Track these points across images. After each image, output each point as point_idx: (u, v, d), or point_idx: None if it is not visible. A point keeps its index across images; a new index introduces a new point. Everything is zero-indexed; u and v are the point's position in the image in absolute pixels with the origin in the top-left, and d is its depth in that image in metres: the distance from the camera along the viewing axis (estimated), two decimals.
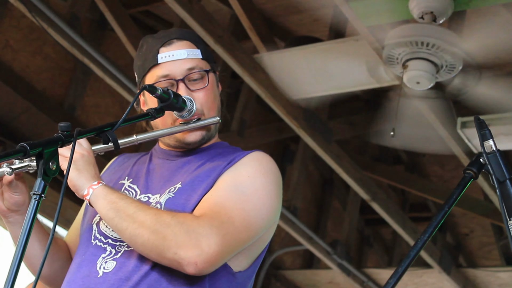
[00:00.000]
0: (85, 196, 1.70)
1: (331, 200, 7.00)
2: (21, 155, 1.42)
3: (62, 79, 4.96)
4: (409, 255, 1.55)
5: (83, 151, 1.72)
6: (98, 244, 1.77)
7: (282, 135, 5.79)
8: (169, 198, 1.77)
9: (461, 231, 7.16)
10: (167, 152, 1.93)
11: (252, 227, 1.72)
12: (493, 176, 1.57)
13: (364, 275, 6.64)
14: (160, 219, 1.64)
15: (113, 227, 1.69)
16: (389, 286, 1.48)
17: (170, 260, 1.62)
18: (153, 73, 1.87)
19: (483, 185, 4.84)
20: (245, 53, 4.28)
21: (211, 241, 1.61)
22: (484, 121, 1.61)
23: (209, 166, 1.82)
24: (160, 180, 1.86)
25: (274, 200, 1.79)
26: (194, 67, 1.87)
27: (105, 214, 1.68)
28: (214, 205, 1.70)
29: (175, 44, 1.88)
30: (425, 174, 6.68)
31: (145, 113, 1.76)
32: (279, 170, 1.86)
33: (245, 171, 1.78)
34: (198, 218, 1.66)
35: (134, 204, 1.68)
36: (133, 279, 1.67)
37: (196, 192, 1.76)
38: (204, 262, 1.60)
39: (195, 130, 1.86)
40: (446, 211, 1.56)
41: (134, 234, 1.64)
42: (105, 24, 4.88)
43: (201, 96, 1.87)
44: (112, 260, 1.72)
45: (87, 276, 1.72)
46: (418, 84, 3.67)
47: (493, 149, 1.58)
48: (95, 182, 1.70)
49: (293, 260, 7.09)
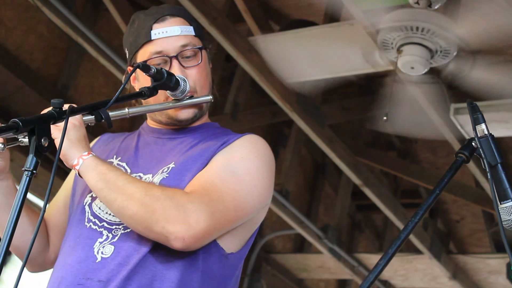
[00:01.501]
0: (74, 166, 1.69)
1: (323, 184, 7.03)
2: (13, 131, 1.41)
3: (55, 59, 4.92)
4: (399, 237, 1.53)
5: (75, 121, 1.70)
6: (93, 228, 1.76)
7: (275, 118, 5.79)
8: (163, 178, 1.77)
9: (452, 217, 7.20)
10: (156, 130, 1.93)
11: (242, 208, 1.73)
12: (484, 160, 1.57)
13: (354, 260, 6.68)
14: (149, 192, 1.64)
15: (101, 199, 1.69)
16: (379, 268, 1.48)
17: (157, 233, 1.62)
18: (146, 49, 1.85)
19: (475, 171, 4.87)
20: (239, 36, 4.26)
21: (200, 217, 1.61)
22: (477, 105, 1.60)
23: (202, 146, 1.82)
24: (152, 159, 1.85)
25: (266, 183, 1.79)
26: (188, 44, 1.86)
27: (94, 184, 1.67)
28: (205, 183, 1.70)
29: (168, 20, 1.87)
30: (417, 160, 6.70)
31: (139, 92, 1.75)
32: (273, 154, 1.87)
33: (238, 152, 1.78)
34: (188, 194, 1.66)
35: (123, 176, 1.68)
36: (131, 262, 1.67)
37: (190, 172, 1.75)
38: (191, 238, 1.61)
39: (187, 107, 1.86)
40: (437, 194, 1.56)
41: (123, 206, 1.63)
42: (99, 4, 4.85)
43: (194, 73, 1.86)
44: (110, 244, 1.72)
45: (85, 261, 1.71)
46: (413, 70, 3.66)
47: (485, 133, 1.58)
48: (86, 152, 1.69)
49: (284, 244, 7.12)
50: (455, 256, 6.67)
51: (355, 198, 6.86)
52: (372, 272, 1.47)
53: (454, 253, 6.80)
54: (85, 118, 1.73)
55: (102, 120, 1.66)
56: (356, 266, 6.69)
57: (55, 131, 1.61)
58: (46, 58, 4.88)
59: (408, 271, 6.88)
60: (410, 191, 6.96)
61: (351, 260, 6.64)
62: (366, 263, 6.80)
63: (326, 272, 7.14)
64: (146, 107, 1.86)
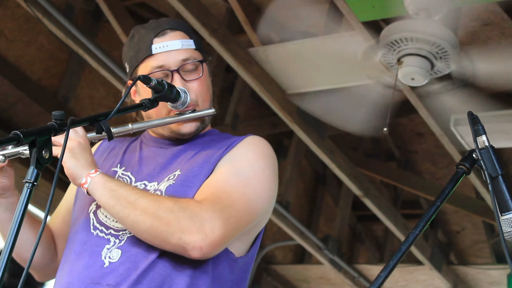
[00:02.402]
0: (83, 185, 1.70)
1: (323, 195, 7.02)
2: (14, 143, 1.42)
3: (56, 70, 4.94)
4: (400, 249, 1.54)
5: (79, 138, 1.72)
6: (100, 235, 1.77)
7: (276, 129, 5.78)
8: (170, 185, 1.79)
9: (452, 228, 7.18)
10: (159, 141, 1.94)
11: (253, 210, 1.76)
12: (485, 172, 1.57)
13: (355, 271, 6.68)
14: (162, 205, 1.65)
15: (114, 215, 1.70)
16: (380, 280, 1.48)
17: (174, 245, 1.64)
18: (147, 64, 1.87)
19: (475, 182, 4.87)
20: (240, 47, 4.27)
21: (215, 225, 1.63)
22: (477, 116, 1.60)
23: (206, 152, 1.84)
24: (156, 167, 1.86)
25: (272, 184, 1.83)
26: (188, 57, 1.88)
27: (105, 202, 1.68)
28: (215, 190, 1.72)
29: (169, 34, 1.89)
30: (418, 171, 6.68)
31: (139, 103, 1.76)
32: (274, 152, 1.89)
33: (243, 156, 1.81)
34: (200, 203, 1.67)
35: (134, 191, 1.69)
36: (140, 267, 1.69)
37: (197, 179, 1.77)
38: (208, 246, 1.62)
39: (189, 121, 1.88)
40: (438, 205, 1.56)
41: (137, 221, 1.65)
42: (100, 16, 4.86)
43: (196, 86, 1.88)
44: (117, 249, 1.73)
45: (92, 266, 1.72)
46: (413, 81, 3.66)
47: (486, 144, 1.58)
48: (93, 170, 1.71)
49: (284, 255, 7.12)
50: (455, 267, 6.66)
51: (355, 209, 6.84)
52: (373, 284, 1.47)
53: (455, 264, 6.79)
54: (89, 135, 1.75)
55: (103, 132, 1.66)
56: (357, 277, 6.68)
57: (56, 150, 1.61)
58: (46, 69, 4.89)
59: (409, 282, 6.86)
60: (410, 201, 6.94)
61: (352, 271, 6.62)
62: (367, 274, 6.79)
63: (326, 283, 7.14)
64: (149, 122, 1.87)
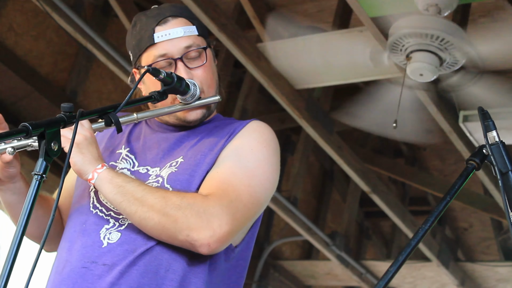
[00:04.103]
0: (89, 181, 1.70)
1: (331, 191, 7.04)
2: (23, 135, 1.42)
3: (64, 64, 4.96)
4: (409, 244, 1.53)
5: (85, 132, 1.71)
6: (100, 215, 1.77)
7: (284, 125, 5.79)
8: (172, 172, 1.77)
9: (460, 225, 7.20)
10: (163, 126, 1.92)
11: (259, 202, 1.75)
12: (495, 167, 1.56)
13: (362, 267, 6.69)
14: (169, 201, 1.65)
15: (121, 211, 1.70)
16: (389, 274, 1.48)
17: (182, 241, 1.64)
18: (150, 52, 1.85)
19: (484, 179, 4.87)
20: (248, 42, 4.28)
21: (222, 221, 1.64)
22: (488, 112, 1.60)
23: (209, 140, 1.83)
24: (159, 152, 1.85)
25: (275, 172, 1.82)
26: (191, 44, 1.85)
27: (112, 198, 1.68)
28: (221, 183, 1.71)
29: (171, 22, 1.86)
30: (426, 167, 6.71)
31: (148, 96, 1.75)
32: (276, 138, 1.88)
33: (247, 144, 1.80)
34: (207, 198, 1.67)
35: (141, 187, 1.68)
36: (138, 250, 1.69)
37: (200, 168, 1.76)
38: (216, 242, 1.63)
39: (195, 108, 1.86)
40: (448, 201, 1.56)
41: (144, 217, 1.65)
42: (109, 10, 4.89)
43: (200, 73, 1.86)
44: (117, 231, 1.73)
45: (90, 246, 1.72)
46: (421, 76, 3.66)
47: (496, 140, 1.57)
48: (99, 165, 1.70)
49: (292, 251, 7.14)
50: (463, 264, 6.67)
51: (363, 205, 6.85)
52: (382, 279, 1.47)
53: (462, 261, 6.80)
54: (94, 126, 1.74)
55: (111, 124, 1.66)
56: (364, 273, 6.69)
57: (66, 143, 1.60)
58: (55, 63, 4.92)
59: (416, 279, 6.87)
60: (418, 198, 6.96)
61: (359, 267, 6.64)
62: (374, 270, 6.80)
63: (333, 279, 7.15)
64: (154, 111, 1.86)
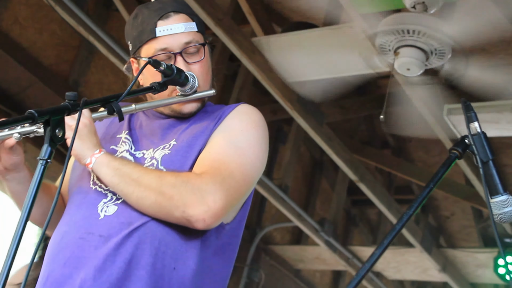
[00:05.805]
0: (87, 165, 1.76)
1: (320, 180, 7.10)
2: (29, 121, 1.45)
3: (67, 56, 5.01)
4: (394, 228, 1.59)
5: (85, 120, 1.77)
6: (99, 190, 1.82)
7: (276, 116, 5.84)
8: (165, 154, 1.83)
9: (442, 213, 7.28)
10: (158, 115, 2.00)
11: (250, 179, 1.82)
12: (477, 157, 1.61)
13: (349, 252, 6.78)
14: (164, 180, 1.71)
15: (118, 192, 1.76)
16: (375, 257, 1.54)
17: (178, 218, 1.70)
18: (151, 45, 1.90)
19: (465, 169, 4.96)
20: (243, 37, 4.33)
21: (216, 197, 1.69)
22: (470, 104, 1.66)
23: (200, 124, 1.90)
24: (154, 137, 1.92)
25: (264, 152, 1.88)
26: (191, 40, 1.92)
27: (109, 180, 1.74)
28: (213, 162, 1.77)
29: (172, 17, 1.92)
30: (411, 158, 6.77)
31: (149, 86, 1.83)
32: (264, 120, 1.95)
33: (237, 125, 1.86)
34: (201, 176, 1.73)
35: (137, 169, 1.75)
36: (134, 224, 1.73)
37: (192, 149, 1.82)
38: (211, 217, 1.69)
39: (191, 101, 1.93)
40: (431, 188, 1.60)
41: (141, 197, 1.71)
42: (110, 4, 4.95)
43: (197, 68, 1.92)
44: (114, 205, 1.78)
45: (88, 218, 1.77)
46: (409, 71, 3.73)
47: (478, 131, 1.62)
48: (97, 150, 1.76)
49: (282, 236, 7.20)
50: (445, 250, 6.75)
51: (350, 193, 6.93)
52: (368, 261, 1.54)
53: (444, 247, 6.88)
54: (94, 115, 1.80)
55: (114, 113, 1.72)
56: (351, 258, 6.79)
57: (68, 131, 1.65)
58: (58, 55, 4.98)
59: (400, 264, 6.95)
60: (403, 187, 7.04)
61: (346, 252, 6.72)
62: (360, 255, 6.89)
63: (322, 263, 7.22)
64: (152, 103, 1.91)
